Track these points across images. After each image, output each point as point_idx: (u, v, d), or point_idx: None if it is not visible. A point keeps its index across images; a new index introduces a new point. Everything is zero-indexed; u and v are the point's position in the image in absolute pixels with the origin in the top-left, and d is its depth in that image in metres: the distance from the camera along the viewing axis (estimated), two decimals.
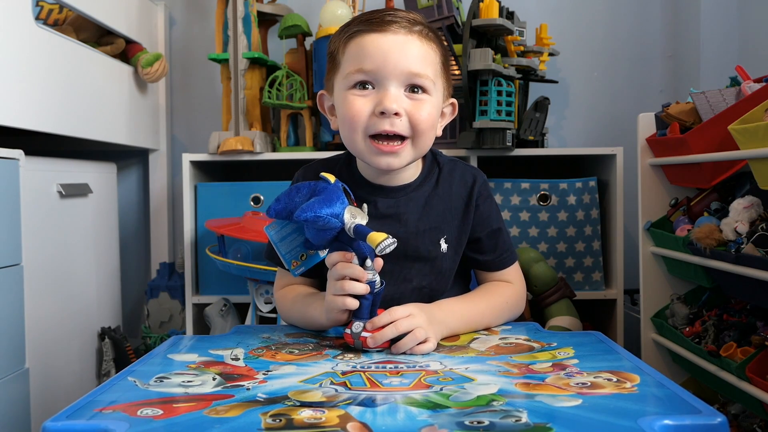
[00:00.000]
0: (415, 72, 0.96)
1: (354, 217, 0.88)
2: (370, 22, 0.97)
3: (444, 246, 1.05)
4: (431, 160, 1.10)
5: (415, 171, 1.07)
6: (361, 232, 0.87)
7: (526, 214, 1.90)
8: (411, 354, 0.88)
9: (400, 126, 0.96)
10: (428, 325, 0.90)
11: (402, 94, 0.96)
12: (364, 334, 0.89)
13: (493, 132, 1.78)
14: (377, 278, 0.91)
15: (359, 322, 0.90)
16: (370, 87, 0.97)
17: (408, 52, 0.95)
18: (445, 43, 1.06)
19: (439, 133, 1.05)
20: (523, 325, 1.06)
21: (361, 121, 0.96)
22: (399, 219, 1.04)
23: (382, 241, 0.84)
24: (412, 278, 1.04)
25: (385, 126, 0.95)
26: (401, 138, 0.97)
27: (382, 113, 0.95)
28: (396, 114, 0.95)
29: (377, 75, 0.95)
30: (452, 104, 1.08)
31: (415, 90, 0.97)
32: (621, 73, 2.22)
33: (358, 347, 0.90)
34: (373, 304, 0.92)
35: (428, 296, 1.03)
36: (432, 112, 0.98)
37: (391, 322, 0.89)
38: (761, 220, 1.27)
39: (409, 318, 0.89)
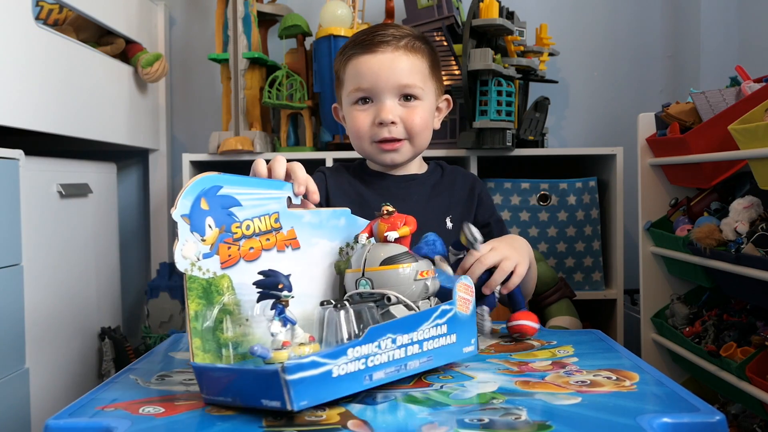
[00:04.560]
0: (404, 84, 1.10)
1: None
2: (362, 44, 1.12)
3: (449, 224, 1.15)
4: (435, 164, 1.24)
5: (421, 168, 1.22)
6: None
7: (526, 214, 1.90)
8: (506, 291, 0.93)
9: (397, 132, 1.11)
10: (513, 252, 0.95)
11: (396, 103, 1.11)
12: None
13: (493, 132, 1.78)
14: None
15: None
16: (369, 101, 1.12)
17: (396, 68, 1.10)
18: (445, 43, 1.10)
19: (437, 126, 1.19)
20: None
21: (365, 132, 1.12)
22: (407, 198, 1.16)
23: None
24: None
25: (384, 134, 1.11)
26: (400, 139, 1.13)
27: (381, 123, 1.10)
28: (392, 123, 1.10)
29: (373, 91, 1.11)
30: (446, 99, 1.21)
31: (408, 98, 1.12)
32: (621, 73, 2.22)
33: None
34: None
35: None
36: (423, 115, 1.13)
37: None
38: (761, 220, 1.27)
39: (491, 252, 0.93)
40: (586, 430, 0.60)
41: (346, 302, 0.74)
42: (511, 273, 0.94)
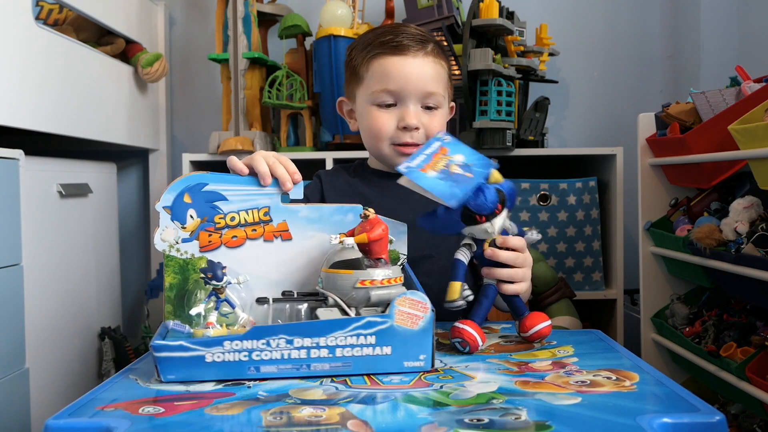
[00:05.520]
0: (430, 91, 1.13)
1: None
2: (390, 44, 1.13)
3: None
4: None
5: None
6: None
7: (526, 214, 1.90)
8: (499, 291, 0.93)
9: (418, 137, 1.14)
10: (529, 276, 0.96)
11: (420, 109, 1.14)
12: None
13: (493, 132, 1.78)
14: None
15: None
16: (393, 104, 1.14)
17: (424, 74, 1.13)
18: (445, 43, 1.12)
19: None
20: None
21: (386, 133, 1.14)
22: (408, 197, 1.17)
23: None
24: (423, 248, 1.12)
25: (407, 139, 1.13)
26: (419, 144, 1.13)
27: (405, 128, 1.12)
28: (415, 128, 1.13)
29: (400, 94, 1.13)
30: (451, 107, 1.24)
31: (429, 105, 1.14)
32: (621, 73, 2.22)
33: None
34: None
35: (437, 265, 1.12)
36: (442, 122, 1.17)
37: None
38: (761, 220, 1.27)
39: (523, 257, 0.94)
40: (586, 430, 0.60)
41: (269, 297, 0.86)
42: (511, 283, 0.94)
